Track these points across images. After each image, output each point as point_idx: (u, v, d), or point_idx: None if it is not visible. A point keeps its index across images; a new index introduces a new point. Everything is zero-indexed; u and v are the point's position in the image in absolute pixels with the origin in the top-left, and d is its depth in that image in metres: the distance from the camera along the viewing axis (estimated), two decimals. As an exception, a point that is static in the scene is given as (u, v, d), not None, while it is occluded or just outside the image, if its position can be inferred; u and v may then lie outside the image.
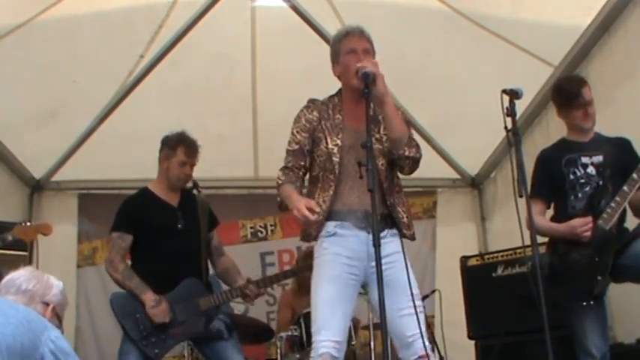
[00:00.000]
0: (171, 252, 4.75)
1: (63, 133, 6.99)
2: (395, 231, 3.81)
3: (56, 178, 7.61)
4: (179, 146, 4.94)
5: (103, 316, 4.79)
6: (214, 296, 4.80)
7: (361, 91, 3.63)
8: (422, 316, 3.68)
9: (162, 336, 4.66)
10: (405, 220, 3.87)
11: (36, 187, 7.55)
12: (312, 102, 4.00)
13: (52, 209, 7.55)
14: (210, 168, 5.11)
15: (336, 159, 3.79)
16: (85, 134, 7.05)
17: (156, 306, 4.63)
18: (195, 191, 4.98)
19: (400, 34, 6.15)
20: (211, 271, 5.11)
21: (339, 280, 3.73)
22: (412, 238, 3.89)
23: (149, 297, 4.66)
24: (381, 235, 3.55)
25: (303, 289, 6.31)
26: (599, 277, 4.27)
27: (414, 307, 3.58)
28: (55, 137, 6.94)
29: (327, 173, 3.83)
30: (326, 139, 3.85)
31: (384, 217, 3.76)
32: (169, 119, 5.11)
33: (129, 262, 4.92)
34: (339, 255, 3.75)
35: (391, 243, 3.70)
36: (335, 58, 4.00)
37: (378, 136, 3.87)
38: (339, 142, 3.82)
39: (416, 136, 6.84)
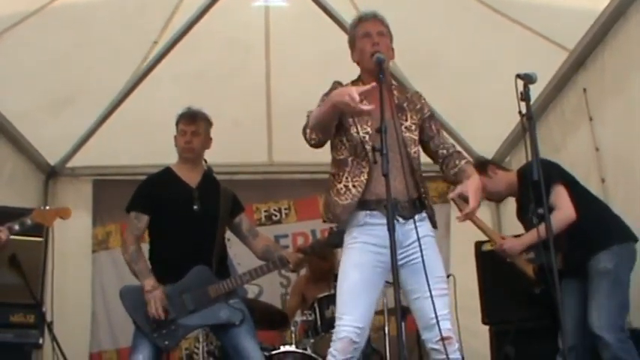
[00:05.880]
0: (185, 233, 4.74)
1: (77, 120, 7.01)
2: (424, 214, 3.87)
3: (71, 164, 7.65)
4: (179, 120, 5.01)
5: (116, 301, 4.79)
6: (224, 283, 4.76)
7: (376, 75, 3.65)
8: (447, 299, 3.77)
9: (173, 327, 4.65)
10: (432, 210, 3.96)
11: (51, 174, 7.59)
12: (339, 83, 3.99)
13: (67, 195, 7.59)
14: (224, 154, 5.11)
15: (368, 147, 3.78)
16: (100, 120, 7.07)
17: (151, 291, 4.63)
18: (214, 176, 4.99)
19: (415, 20, 6.13)
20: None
21: (365, 267, 3.76)
22: (435, 225, 3.96)
23: (148, 283, 4.66)
24: (410, 220, 3.71)
25: (316, 276, 6.34)
26: None
27: (429, 290, 3.58)
28: (70, 124, 6.97)
29: (359, 159, 3.84)
30: (356, 125, 3.85)
31: (412, 202, 3.81)
32: (183, 105, 5.10)
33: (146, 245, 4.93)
34: (366, 243, 3.79)
35: (420, 227, 3.73)
36: (352, 45, 4.06)
37: (407, 124, 3.93)
38: (369, 129, 3.83)
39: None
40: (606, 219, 4.83)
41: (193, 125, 4.96)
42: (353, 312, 3.70)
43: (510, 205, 7.38)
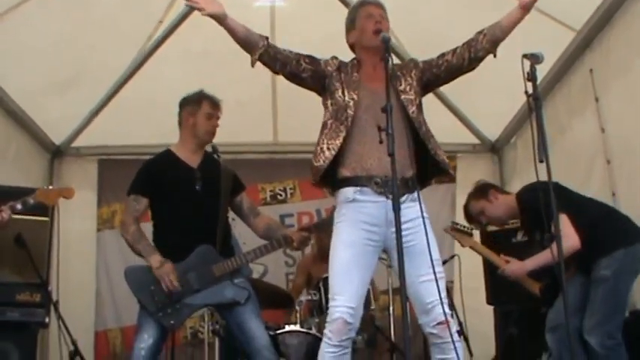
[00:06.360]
0: (188, 213, 4.73)
1: (83, 99, 7.01)
2: (415, 195, 3.77)
3: (76, 143, 7.68)
4: (203, 100, 4.94)
5: (120, 279, 4.80)
6: (228, 262, 4.75)
7: (381, 54, 3.63)
8: (442, 282, 3.67)
9: (177, 306, 4.64)
10: (447, 160, 3.92)
11: (56, 153, 7.63)
12: (335, 57, 4.04)
13: (72, 175, 7.63)
14: (230, 133, 5.09)
15: (350, 112, 3.81)
16: (105, 100, 7.09)
17: (160, 267, 4.62)
18: (215, 156, 4.97)
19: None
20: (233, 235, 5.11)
21: (356, 245, 3.73)
22: (453, 179, 3.98)
23: (155, 259, 4.65)
24: (401, 200, 3.55)
25: (323, 254, 6.34)
26: None
27: (434, 272, 3.57)
28: (75, 103, 6.97)
29: (338, 123, 3.84)
30: (343, 90, 3.87)
31: (404, 182, 3.73)
32: (188, 84, 5.09)
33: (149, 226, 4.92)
34: (357, 221, 3.75)
35: (411, 208, 3.70)
36: (350, 26, 4.09)
37: (401, 87, 3.91)
38: (355, 96, 3.84)
39: (436, 101, 6.88)
40: (609, 224, 4.79)
41: (219, 110, 4.96)
42: (345, 292, 3.68)
43: (515, 187, 7.41)
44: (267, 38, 3.97)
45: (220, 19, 3.86)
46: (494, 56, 3.95)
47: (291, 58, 3.98)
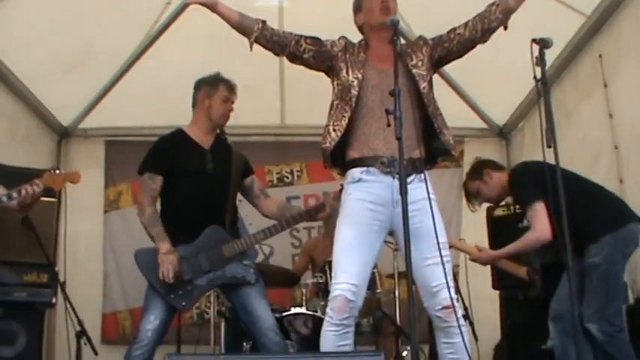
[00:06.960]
0: (198, 193, 4.73)
1: (90, 81, 7.01)
2: (422, 176, 3.75)
3: (83, 125, 7.69)
4: (220, 83, 4.95)
5: (127, 261, 4.81)
6: (238, 242, 4.77)
7: (390, 36, 3.61)
8: (449, 266, 3.66)
9: (189, 287, 4.66)
10: (452, 141, 3.89)
11: (64, 135, 7.65)
12: (343, 37, 4.04)
13: (79, 156, 7.66)
14: (237, 116, 5.08)
15: (354, 91, 3.80)
16: (112, 82, 7.09)
17: (165, 254, 4.60)
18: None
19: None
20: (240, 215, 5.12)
21: (361, 225, 3.74)
22: (456, 161, 3.95)
23: (163, 246, 4.64)
24: (409, 180, 3.51)
25: (331, 235, 6.35)
26: None
27: (441, 256, 3.54)
28: (83, 85, 6.97)
29: (343, 104, 3.84)
30: (347, 70, 3.87)
31: (412, 162, 3.72)
32: (196, 66, 5.09)
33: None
34: (362, 200, 3.76)
35: (419, 189, 3.67)
36: (358, 7, 4.06)
37: (413, 62, 3.90)
38: (359, 75, 3.84)
39: (444, 86, 6.85)
40: (597, 209, 4.73)
41: (235, 95, 4.98)
42: (347, 270, 3.68)
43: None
44: (263, 22, 3.98)
45: (211, 6, 3.85)
46: (505, 29, 3.93)
47: (289, 40, 3.99)
